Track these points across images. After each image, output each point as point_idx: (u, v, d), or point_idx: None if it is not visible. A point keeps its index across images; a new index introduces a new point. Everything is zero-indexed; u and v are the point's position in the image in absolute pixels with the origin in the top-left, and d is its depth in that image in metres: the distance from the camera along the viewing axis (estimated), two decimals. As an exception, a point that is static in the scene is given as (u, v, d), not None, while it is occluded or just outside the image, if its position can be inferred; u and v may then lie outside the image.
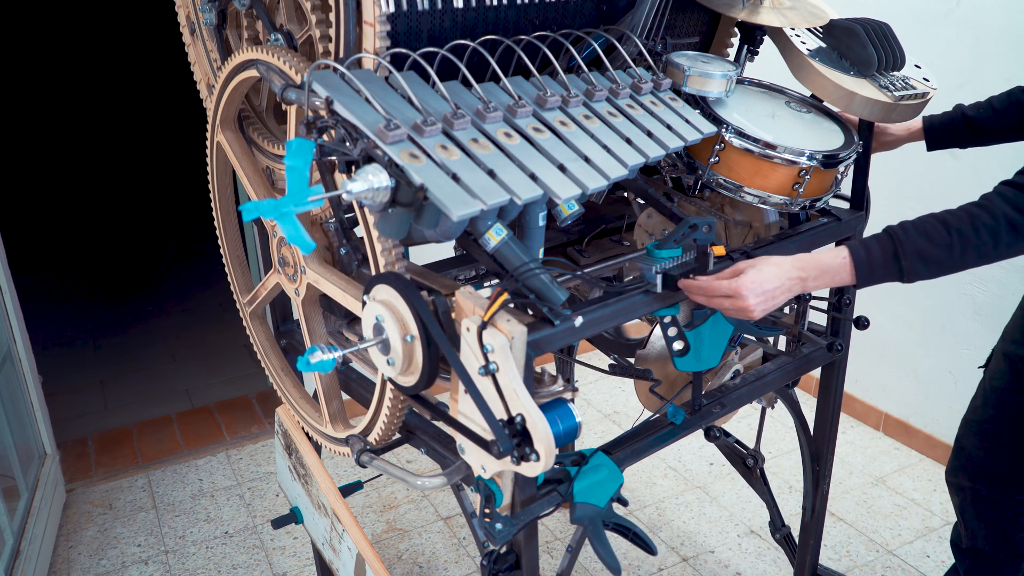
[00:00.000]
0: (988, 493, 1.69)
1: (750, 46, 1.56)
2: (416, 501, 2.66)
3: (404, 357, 1.08)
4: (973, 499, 1.72)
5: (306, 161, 0.89)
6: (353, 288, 1.24)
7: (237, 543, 2.48)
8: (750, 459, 1.87)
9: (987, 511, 1.70)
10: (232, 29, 1.47)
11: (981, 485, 1.70)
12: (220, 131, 1.43)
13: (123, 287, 4.60)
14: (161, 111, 6.64)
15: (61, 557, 2.44)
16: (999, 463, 1.67)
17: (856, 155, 1.46)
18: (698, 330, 1.28)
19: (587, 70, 1.27)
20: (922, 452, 2.84)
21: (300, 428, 1.62)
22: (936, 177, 2.61)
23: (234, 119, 1.43)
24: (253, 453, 2.96)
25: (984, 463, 1.69)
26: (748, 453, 1.87)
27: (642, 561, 2.36)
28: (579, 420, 1.10)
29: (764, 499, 1.95)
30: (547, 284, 1.06)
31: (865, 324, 1.62)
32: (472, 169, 1.00)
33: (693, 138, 1.27)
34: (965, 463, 1.73)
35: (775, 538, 2.03)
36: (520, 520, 1.13)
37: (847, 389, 2.83)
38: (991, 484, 1.68)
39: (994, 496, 1.68)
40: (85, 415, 3.24)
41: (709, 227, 1.22)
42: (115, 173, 6.38)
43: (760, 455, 1.86)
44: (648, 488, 2.70)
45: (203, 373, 3.55)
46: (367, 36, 1.11)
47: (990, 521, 1.71)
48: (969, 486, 1.72)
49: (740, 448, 1.88)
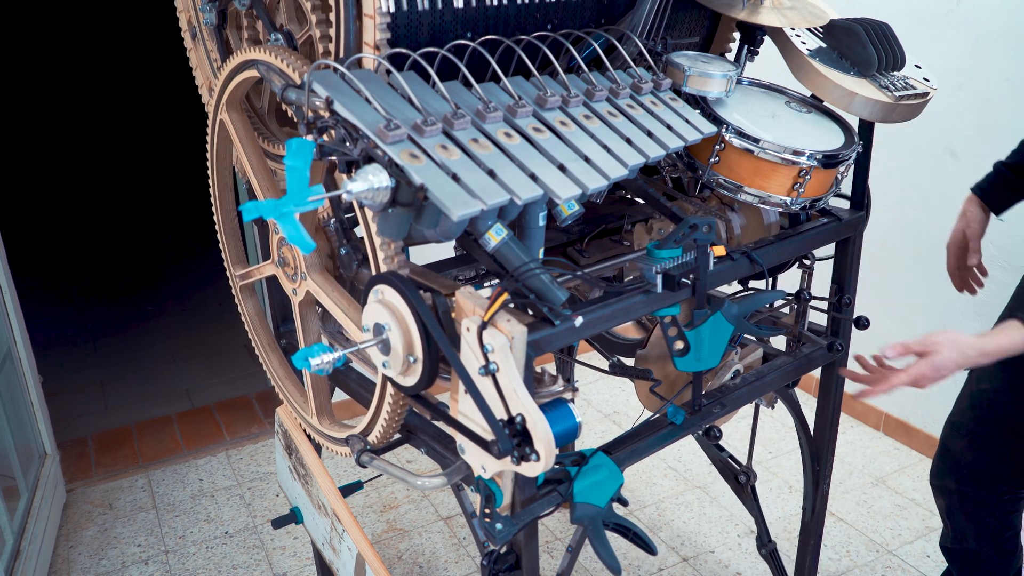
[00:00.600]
0: (976, 494, 1.69)
1: (750, 46, 1.56)
2: (416, 501, 2.66)
3: (404, 359, 1.08)
4: (960, 501, 1.72)
5: (306, 161, 0.89)
6: (354, 311, 1.24)
7: (237, 543, 2.48)
8: (742, 476, 1.88)
9: (976, 512, 1.70)
10: (232, 29, 1.47)
11: (969, 487, 1.69)
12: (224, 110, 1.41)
13: (123, 287, 4.60)
14: (161, 111, 6.64)
15: (61, 557, 2.44)
16: (988, 464, 1.66)
17: (856, 155, 1.46)
18: (698, 330, 1.28)
19: (587, 70, 1.27)
20: (922, 452, 2.84)
21: (300, 428, 1.62)
22: (936, 177, 2.61)
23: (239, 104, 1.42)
24: (253, 453, 2.96)
25: (972, 465, 1.68)
26: (741, 470, 1.88)
27: (642, 561, 2.36)
28: (579, 420, 1.10)
29: (753, 515, 1.96)
30: (547, 284, 1.06)
31: (865, 324, 1.62)
32: (472, 169, 1.00)
33: (693, 138, 1.27)
34: (952, 466, 1.72)
35: (760, 553, 2.03)
36: (520, 520, 1.13)
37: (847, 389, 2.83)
38: (980, 485, 1.68)
39: (983, 497, 1.68)
40: (85, 415, 3.24)
41: (709, 227, 1.22)
42: (115, 173, 6.38)
43: (752, 472, 1.87)
44: (648, 488, 2.70)
45: (203, 373, 3.55)
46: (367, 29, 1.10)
47: (979, 521, 1.70)
48: (956, 488, 1.72)
49: (733, 464, 1.88)
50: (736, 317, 1.30)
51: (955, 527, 1.76)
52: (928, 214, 2.66)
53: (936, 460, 1.77)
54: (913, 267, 2.73)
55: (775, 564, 2.03)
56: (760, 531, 2.00)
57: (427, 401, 1.18)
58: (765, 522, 1.99)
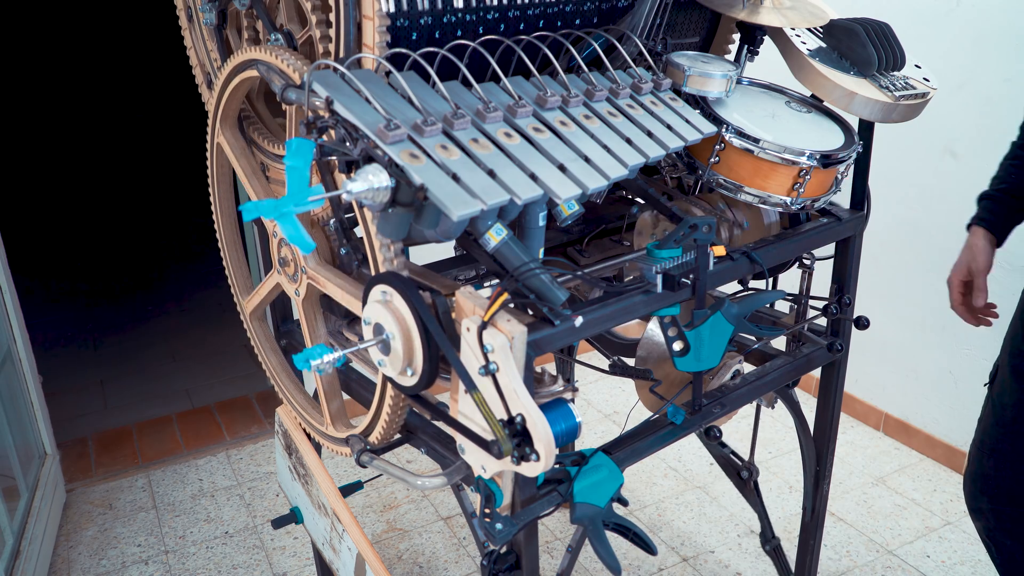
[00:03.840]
0: (1013, 512, 1.65)
1: (750, 46, 1.56)
2: (416, 501, 2.66)
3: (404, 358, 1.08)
4: (998, 520, 1.68)
5: (306, 161, 0.89)
6: (353, 287, 1.24)
7: (237, 543, 2.48)
8: (744, 471, 1.87)
9: (1016, 529, 1.66)
10: (232, 29, 1.47)
11: (1003, 506, 1.65)
12: (220, 132, 1.43)
13: (123, 287, 4.60)
14: (161, 111, 6.64)
15: (61, 557, 2.44)
16: (1018, 480, 1.63)
17: (856, 155, 1.46)
18: (698, 330, 1.28)
19: (587, 70, 1.27)
20: (922, 452, 2.84)
21: (300, 428, 1.62)
22: (936, 177, 2.61)
23: (235, 118, 1.43)
24: (253, 453, 2.96)
25: (1004, 484, 1.64)
26: (743, 465, 1.87)
27: (642, 561, 2.36)
28: (579, 420, 1.10)
29: (756, 511, 1.96)
30: (547, 284, 1.06)
31: (865, 324, 1.62)
32: (472, 169, 1.00)
33: (693, 138, 1.27)
34: (983, 486, 1.68)
35: (764, 549, 2.02)
36: (520, 520, 1.13)
37: (847, 389, 2.83)
38: (1015, 502, 1.64)
39: (1019, 513, 1.65)
40: (85, 415, 3.24)
41: (709, 227, 1.22)
42: (115, 173, 6.38)
43: (755, 468, 1.87)
44: (648, 488, 2.70)
45: (203, 373, 3.55)
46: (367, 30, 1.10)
47: (1021, 535, 1.67)
48: (990, 508, 1.68)
49: (735, 459, 1.88)
50: (736, 317, 1.30)
51: (1000, 548, 1.71)
52: (928, 214, 2.66)
53: (967, 483, 1.73)
54: (913, 267, 2.73)
55: (779, 560, 2.03)
56: (764, 527, 2.00)
57: (427, 401, 1.18)
58: (768, 518, 1.99)
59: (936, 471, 2.75)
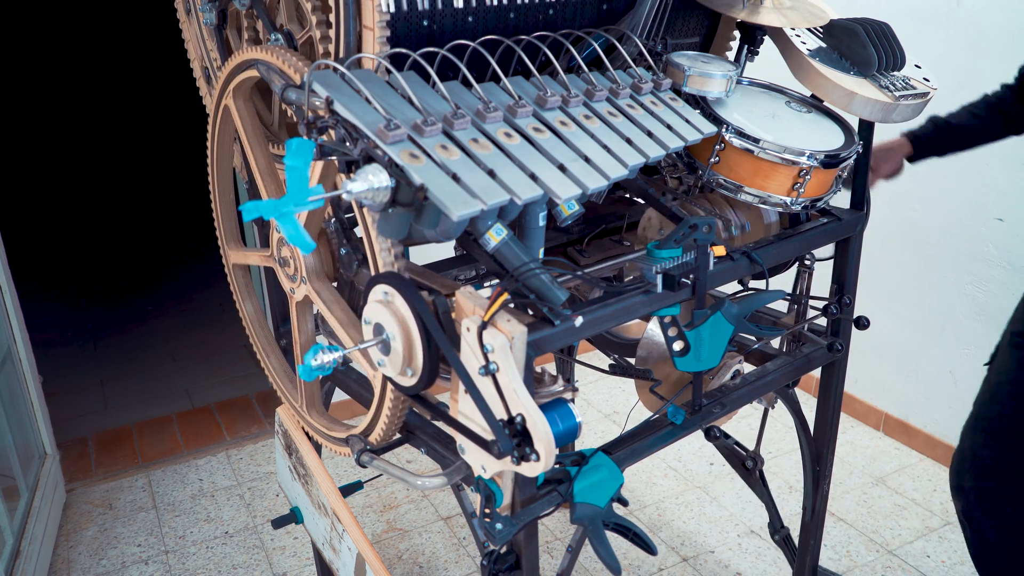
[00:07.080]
0: (996, 488, 1.69)
1: (750, 46, 1.56)
2: (416, 501, 2.66)
3: (404, 358, 1.08)
4: (979, 497, 1.71)
5: (306, 161, 0.89)
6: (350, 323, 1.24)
7: (237, 543, 2.48)
8: (749, 461, 1.87)
9: (994, 506, 1.70)
10: (232, 29, 1.47)
11: (987, 481, 1.69)
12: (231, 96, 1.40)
13: (123, 287, 4.60)
14: (161, 111, 6.64)
15: (61, 557, 2.44)
16: (1007, 457, 1.66)
17: (856, 155, 1.46)
18: (698, 330, 1.28)
19: (587, 70, 1.27)
20: (922, 452, 2.84)
21: (300, 428, 1.62)
22: (936, 177, 2.61)
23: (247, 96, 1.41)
24: (253, 453, 2.96)
25: (991, 460, 1.68)
26: (748, 455, 1.87)
27: (642, 561, 2.36)
28: (579, 420, 1.10)
29: (763, 500, 1.95)
30: (547, 284, 1.06)
31: (865, 324, 1.62)
32: (472, 169, 1.00)
33: (693, 138, 1.27)
34: (970, 464, 1.72)
35: (774, 539, 2.03)
36: (520, 520, 1.13)
37: (847, 389, 2.83)
38: (999, 479, 1.68)
39: (1003, 490, 1.68)
40: (85, 415, 3.24)
41: (709, 227, 1.22)
42: (115, 173, 6.38)
43: (760, 457, 1.87)
44: (648, 488, 2.70)
45: (203, 373, 3.55)
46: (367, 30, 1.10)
47: (999, 514, 1.70)
48: (974, 485, 1.71)
49: (740, 450, 1.88)
50: (736, 317, 1.30)
51: (974, 527, 1.74)
52: (928, 214, 2.66)
53: (954, 462, 1.77)
54: (913, 267, 2.73)
55: (789, 549, 2.03)
56: (772, 517, 2.00)
57: (427, 401, 1.18)
58: (776, 508, 1.99)
59: (936, 471, 2.74)
